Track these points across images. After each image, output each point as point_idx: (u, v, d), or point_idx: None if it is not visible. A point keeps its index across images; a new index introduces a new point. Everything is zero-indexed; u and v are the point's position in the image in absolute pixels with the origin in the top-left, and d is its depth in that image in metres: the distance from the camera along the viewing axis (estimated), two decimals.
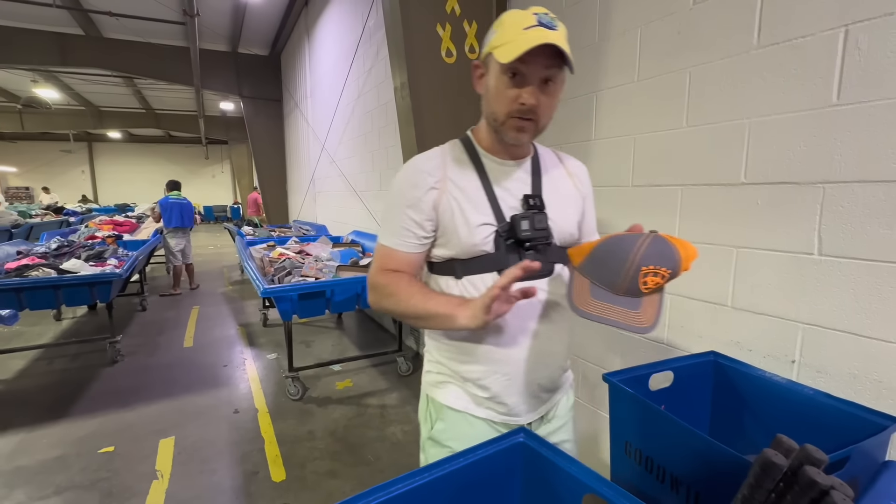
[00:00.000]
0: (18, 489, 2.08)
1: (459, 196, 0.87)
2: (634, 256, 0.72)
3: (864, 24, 1.00)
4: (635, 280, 0.73)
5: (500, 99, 0.82)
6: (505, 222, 0.86)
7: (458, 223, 0.86)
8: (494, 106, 0.84)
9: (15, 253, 3.80)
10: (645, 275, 0.72)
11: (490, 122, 0.88)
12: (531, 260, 0.78)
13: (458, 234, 0.87)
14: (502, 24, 0.81)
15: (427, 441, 0.99)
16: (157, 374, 3.39)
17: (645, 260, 0.72)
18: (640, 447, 0.96)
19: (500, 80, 0.81)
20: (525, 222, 0.85)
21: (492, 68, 0.83)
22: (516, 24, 0.78)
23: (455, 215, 0.87)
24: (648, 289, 0.73)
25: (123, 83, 10.62)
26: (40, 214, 7.74)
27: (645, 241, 0.73)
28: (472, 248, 0.87)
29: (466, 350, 0.92)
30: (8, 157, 16.50)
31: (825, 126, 1.07)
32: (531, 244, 0.86)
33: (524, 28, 0.77)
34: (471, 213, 0.86)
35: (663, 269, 0.72)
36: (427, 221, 0.88)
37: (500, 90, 0.82)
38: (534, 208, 0.88)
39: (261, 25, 7.19)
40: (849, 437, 0.86)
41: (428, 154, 0.92)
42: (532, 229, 0.85)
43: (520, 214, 0.86)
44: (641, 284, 0.73)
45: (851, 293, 1.05)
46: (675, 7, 1.39)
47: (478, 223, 0.86)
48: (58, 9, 5.84)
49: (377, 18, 3.71)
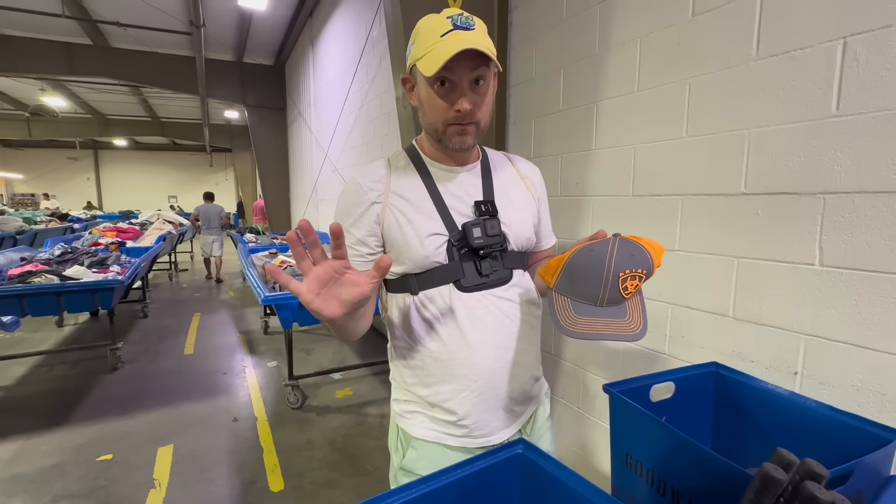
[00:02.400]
0: (15, 497, 2.06)
1: (406, 208, 0.85)
2: (609, 264, 0.71)
3: (863, 37, 1.00)
4: (616, 287, 0.72)
5: (434, 109, 0.80)
6: (457, 231, 0.84)
7: (407, 236, 0.83)
8: (431, 117, 0.82)
9: (19, 259, 3.81)
10: (624, 280, 0.71)
11: (430, 133, 0.85)
12: (490, 265, 0.81)
13: (409, 247, 0.83)
14: (419, 32, 0.79)
15: (399, 471, 0.93)
16: (157, 381, 3.38)
17: (620, 265, 0.71)
18: (642, 459, 0.95)
19: (430, 90, 0.79)
20: (477, 229, 0.83)
21: (419, 80, 0.81)
22: (432, 32, 0.76)
23: (402, 228, 0.84)
24: (629, 293, 0.73)
25: (130, 92, 10.75)
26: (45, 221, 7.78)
27: (614, 246, 0.72)
28: (424, 261, 0.84)
29: (430, 371, 0.88)
30: (15, 164, 16.67)
31: (825, 137, 1.08)
32: (485, 251, 0.84)
33: (441, 35, 0.75)
34: (420, 224, 0.84)
35: (639, 270, 0.71)
36: (370, 237, 0.85)
37: (432, 101, 0.80)
38: (486, 214, 0.85)
39: (266, 36, 7.28)
40: (852, 450, 0.85)
41: (370, 167, 0.89)
42: (485, 236, 0.83)
43: (471, 222, 0.84)
44: (622, 291, 0.72)
45: (854, 304, 1.04)
46: (675, 19, 1.40)
47: (428, 234, 0.83)
48: (67, 19, 5.93)
49: (380, 29, 3.75)
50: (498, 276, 0.87)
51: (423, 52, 0.76)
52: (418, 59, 0.77)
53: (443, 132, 0.82)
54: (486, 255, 0.84)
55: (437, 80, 0.77)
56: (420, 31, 0.79)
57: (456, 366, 0.87)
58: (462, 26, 0.76)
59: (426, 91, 0.80)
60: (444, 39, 0.74)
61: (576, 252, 0.75)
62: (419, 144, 0.92)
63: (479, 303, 0.86)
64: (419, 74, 0.79)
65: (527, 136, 2.11)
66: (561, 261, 0.76)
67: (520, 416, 0.95)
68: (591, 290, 0.73)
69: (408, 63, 0.83)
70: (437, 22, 0.77)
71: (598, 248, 0.73)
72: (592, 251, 0.73)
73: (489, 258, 0.85)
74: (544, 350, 1.97)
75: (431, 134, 0.85)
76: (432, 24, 0.77)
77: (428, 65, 0.74)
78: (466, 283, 0.85)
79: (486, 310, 0.86)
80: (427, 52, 0.75)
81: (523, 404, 0.95)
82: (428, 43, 0.76)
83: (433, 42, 0.75)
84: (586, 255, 0.73)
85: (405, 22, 1.96)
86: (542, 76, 1.98)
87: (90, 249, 4.46)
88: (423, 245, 0.83)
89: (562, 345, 2.01)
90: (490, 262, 0.85)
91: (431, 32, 0.76)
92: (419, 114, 0.86)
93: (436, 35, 0.75)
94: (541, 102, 2.00)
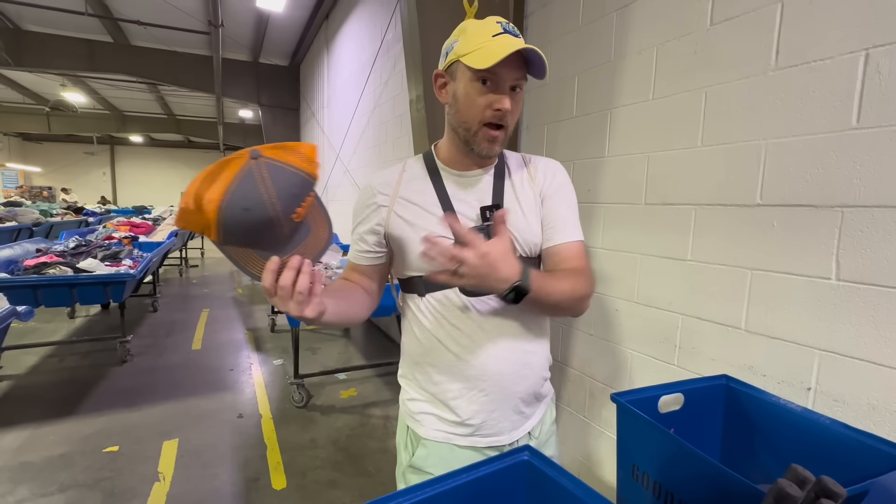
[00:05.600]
0: (23, 485, 2.09)
1: (413, 211, 0.87)
2: (277, 220, 0.61)
3: (885, 49, 0.99)
4: (294, 227, 0.65)
5: (471, 106, 0.81)
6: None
7: (411, 238, 0.86)
8: (465, 114, 0.82)
9: (34, 250, 3.89)
10: (296, 214, 0.63)
11: (459, 133, 0.85)
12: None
13: (412, 249, 0.87)
14: (465, 31, 0.81)
15: (408, 469, 0.94)
16: (165, 375, 3.42)
17: (286, 208, 0.61)
18: (648, 471, 0.94)
19: (472, 86, 0.80)
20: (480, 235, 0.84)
21: (460, 76, 0.81)
22: (483, 32, 0.78)
23: (406, 230, 0.87)
24: (302, 216, 0.65)
25: (147, 89, 10.93)
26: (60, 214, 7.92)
27: (266, 186, 0.59)
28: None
29: (440, 370, 0.90)
30: (35, 157, 17.02)
31: (844, 149, 1.06)
32: None
33: (493, 35, 0.77)
34: (424, 227, 0.86)
35: (306, 200, 0.64)
36: (370, 236, 0.91)
37: (471, 97, 0.80)
38: (490, 220, 0.85)
39: (282, 37, 7.37)
40: (867, 470, 0.83)
41: (383, 172, 0.94)
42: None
43: (475, 227, 0.85)
44: (297, 221, 0.65)
45: (871, 320, 1.02)
46: (692, 27, 1.39)
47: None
48: (89, 17, 6.06)
49: (395, 32, 3.78)
50: None
51: (472, 48, 0.77)
52: (464, 55, 0.78)
53: (475, 132, 0.82)
54: None
55: (481, 78, 0.78)
56: (467, 29, 0.81)
57: (465, 366, 0.88)
58: (512, 32, 0.79)
59: (466, 87, 0.81)
60: (495, 39, 0.76)
61: (224, 210, 0.59)
62: (436, 149, 0.94)
63: (486, 305, 0.87)
64: (461, 70, 0.80)
65: (539, 141, 2.11)
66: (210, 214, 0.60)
67: (529, 417, 0.95)
68: (269, 245, 0.64)
69: (446, 59, 0.84)
70: (487, 23, 0.79)
71: (252, 206, 0.59)
72: (248, 211, 0.60)
73: None
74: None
75: (461, 134, 0.85)
76: (482, 25, 0.79)
77: (479, 59, 0.76)
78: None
79: (493, 312, 0.87)
80: (477, 48, 0.77)
81: (533, 405, 0.95)
82: (478, 40, 0.77)
83: (484, 40, 0.77)
84: (241, 216, 0.60)
85: (421, 24, 1.97)
86: (556, 82, 1.98)
87: (104, 243, 4.53)
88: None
89: (568, 351, 1.99)
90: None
91: (482, 31, 0.78)
92: (449, 112, 0.87)
93: (487, 34, 0.77)
94: (554, 108, 2.00)
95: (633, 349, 1.67)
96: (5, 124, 13.82)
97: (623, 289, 1.70)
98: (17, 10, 6.43)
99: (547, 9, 2.02)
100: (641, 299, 1.62)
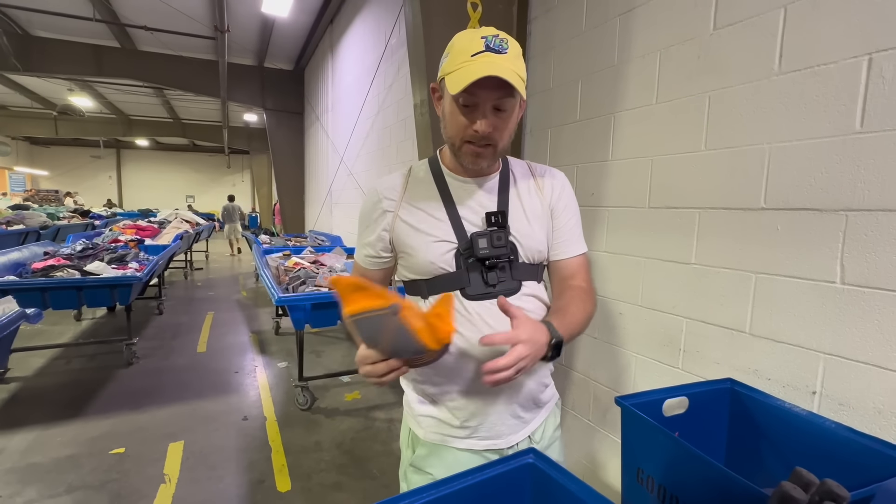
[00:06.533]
0: (31, 486, 2.11)
1: (417, 216, 0.88)
2: (385, 355, 0.71)
3: (889, 53, 0.99)
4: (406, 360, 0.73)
5: (454, 125, 0.82)
6: (466, 240, 0.86)
7: (415, 242, 0.88)
8: (450, 131, 0.84)
9: (42, 254, 3.93)
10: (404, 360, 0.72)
11: (448, 146, 0.88)
12: (497, 276, 0.83)
13: (416, 253, 0.88)
14: (453, 48, 0.80)
15: (409, 468, 0.96)
16: (170, 377, 3.44)
17: (394, 355, 0.71)
18: (653, 474, 0.94)
19: (453, 106, 0.80)
20: (483, 240, 0.84)
21: (445, 94, 0.82)
22: (464, 51, 0.76)
23: (411, 235, 0.88)
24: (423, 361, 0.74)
25: (153, 93, 11.04)
26: (67, 217, 7.99)
27: (386, 337, 0.69)
28: (430, 267, 0.87)
29: (439, 371, 0.90)
30: (42, 160, 17.20)
31: (848, 153, 1.06)
32: (492, 262, 0.85)
33: (472, 55, 0.75)
34: (428, 231, 0.87)
35: (415, 358, 0.72)
36: (377, 242, 0.92)
37: (453, 116, 0.81)
38: (494, 226, 0.86)
39: (287, 41, 7.43)
40: (872, 474, 0.83)
41: (389, 178, 0.95)
42: (490, 247, 0.84)
43: (478, 232, 0.85)
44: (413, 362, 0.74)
45: (876, 324, 1.02)
46: (696, 32, 1.40)
47: (434, 241, 0.87)
48: (97, 22, 6.13)
49: (399, 36, 3.81)
50: (505, 286, 0.88)
51: (453, 69, 0.77)
52: (447, 74, 0.79)
53: (458, 148, 0.84)
54: (492, 265, 0.86)
55: (458, 100, 0.79)
56: (454, 46, 0.80)
57: (462, 369, 0.89)
58: (494, 49, 0.75)
59: (450, 106, 0.82)
60: (473, 60, 0.75)
61: (351, 322, 0.71)
62: (441, 155, 0.95)
63: (487, 310, 0.87)
64: (446, 88, 0.81)
65: (543, 145, 2.11)
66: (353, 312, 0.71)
67: (528, 422, 0.95)
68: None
69: (439, 74, 0.85)
70: (471, 40, 0.77)
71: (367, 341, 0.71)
72: (365, 338, 0.71)
73: (496, 269, 0.87)
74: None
75: (449, 147, 0.88)
76: (466, 42, 0.77)
77: (453, 83, 0.76)
78: (472, 291, 0.87)
79: (493, 318, 0.87)
80: (455, 70, 0.76)
81: (531, 411, 0.95)
82: (458, 60, 0.76)
83: (463, 60, 0.76)
84: (360, 333, 0.71)
85: (425, 29, 1.99)
86: (559, 86, 1.99)
87: (110, 246, 4.57)
88: (429, 251, 0.87)
89: (572, 355, 1.99)
90: (497, 273, 0.87)
91: (463, 50, 0.77)
92: (441, 125, 0.88)
93: (467, 54, 0.76)
94: (558, 112, 2.01)
95: (638, 353, 1.67)
96: (13, 128, 13.98)
97: (627, 292, 1.70)
98: (27, 16, 6.52)
99: (550, 14, 2.03)
100: (645, 303, 1.63)
